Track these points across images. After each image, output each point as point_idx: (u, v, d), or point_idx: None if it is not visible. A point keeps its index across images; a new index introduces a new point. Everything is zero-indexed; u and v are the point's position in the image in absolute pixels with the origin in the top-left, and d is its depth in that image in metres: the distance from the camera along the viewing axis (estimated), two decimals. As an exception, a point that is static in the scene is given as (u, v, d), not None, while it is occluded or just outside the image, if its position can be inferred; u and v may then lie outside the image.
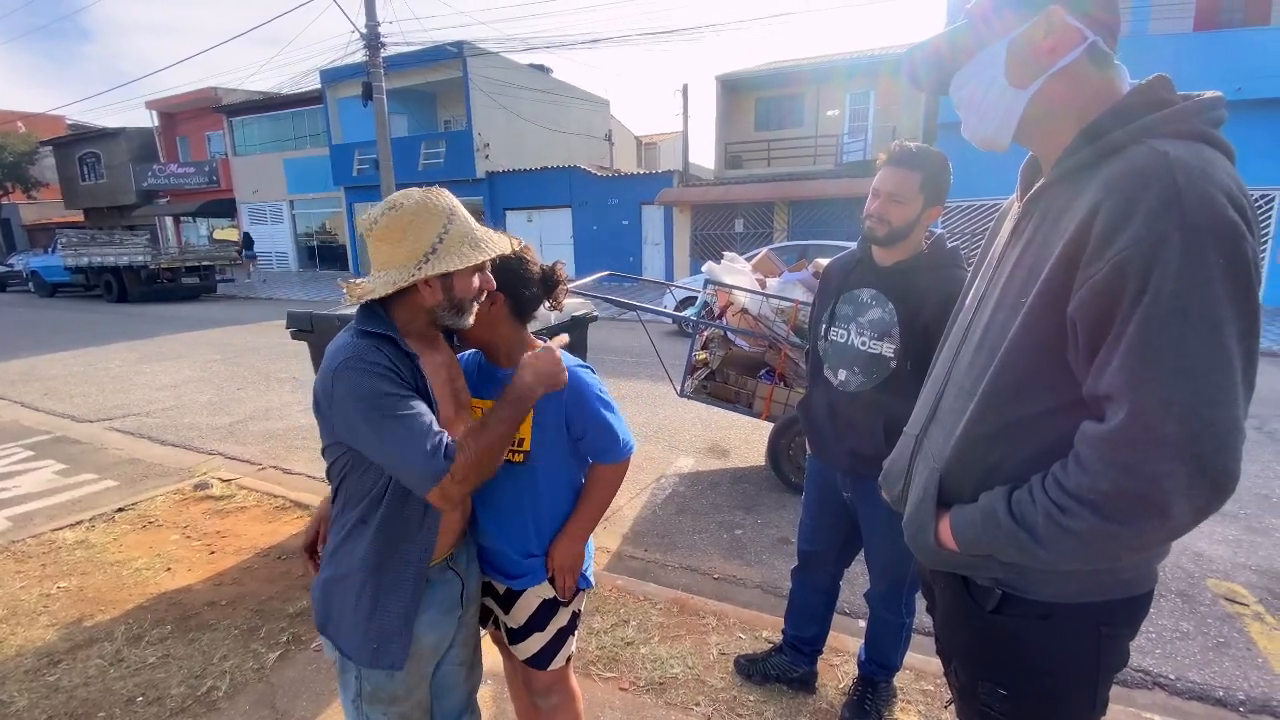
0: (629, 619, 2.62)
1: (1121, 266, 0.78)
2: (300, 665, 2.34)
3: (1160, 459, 0.77)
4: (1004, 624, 1.02)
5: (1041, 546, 0.87)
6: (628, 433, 1.44)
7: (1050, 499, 0.86)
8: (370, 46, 12.51)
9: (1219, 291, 0.75)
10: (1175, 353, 0.76)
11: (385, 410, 1.09)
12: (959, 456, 1.01)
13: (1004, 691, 1.05)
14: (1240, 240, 0.76)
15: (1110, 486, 0.80)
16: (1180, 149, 0.81)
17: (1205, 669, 2.45)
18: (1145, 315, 0.77)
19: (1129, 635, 1.00)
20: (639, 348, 8.36)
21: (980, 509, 0.95)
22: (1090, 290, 0.82)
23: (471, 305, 1.24)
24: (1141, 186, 0.79)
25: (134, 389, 6.93)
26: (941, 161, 1.74)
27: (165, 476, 4.32)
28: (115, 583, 2.92)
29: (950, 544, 1.00)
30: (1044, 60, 0.93)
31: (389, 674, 1.24)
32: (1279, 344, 8.54)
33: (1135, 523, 0.81)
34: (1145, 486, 0.78)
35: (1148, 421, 0.77)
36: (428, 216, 1.17)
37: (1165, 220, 0.76)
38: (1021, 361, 0.93)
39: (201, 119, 25.64)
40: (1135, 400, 0.78)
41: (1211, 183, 0.78)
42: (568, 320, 3.23)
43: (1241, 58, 10.79)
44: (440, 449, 1.09)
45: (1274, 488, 4.07)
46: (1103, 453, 0.81)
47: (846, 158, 16.88)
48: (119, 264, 16.16)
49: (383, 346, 1.15)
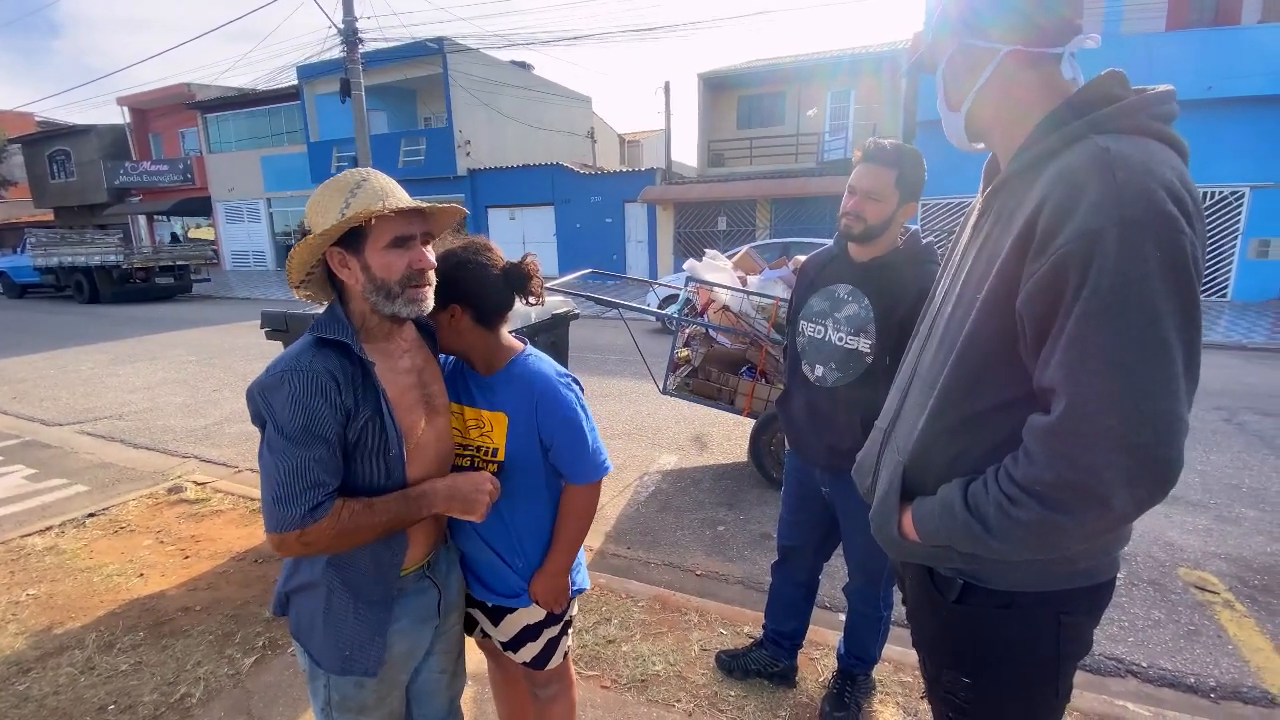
0: (611, 617, 2.61)
1: (1063, 261, 0.80)
2: (276, 670, 2.31)
3: (1100, 450, 0.78)
4: (966, 613, 1.03)
5: (993, 537, 0.89)
6: (602, 454, 1.37)
7: (1001, 490, 0.88)
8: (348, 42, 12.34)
9: (1156, 285, 0.76)
10: (1113, 345, 0.77)
11: (281, 439, 1.05)
12: (922, 449, 1.02)
13: (968, 680, 1.06)
14: (1177, 234, 0.77)
15: (1053, 477, 0.82)
16: (1122, 144, 0.83)
17: (1177, 656, 2.50)
18: (1084, 309, 0.79)
19: (1090, 623, 1.02)
20: (622, 346, 8.35)
21: (938, 500, 0.97)
22: (1035, 285, 0.84)
23: (405, 289, 1.14)
24: (1082, 182, 0.81)
25: (106, 391, 6.79)
26: (916, 159, 1.76)
27: (138, 480, 4.23)
28: (86, 589, 2.86)
29: (912, 535, 1.02)
30: (965, 82, 1.00)
31: (358, 683, 1.21)
32: (1247, 337, 8.74)
33: (1078, 513, 0.82)
34: (1086, 477, 0.80)
35: (1086, 413, 0.79)
36: (334, 188, 1.11)
37: (1103, 215, 0.78)
38: (977, 356, 0.95)
39: (175, 116, 25.17)
40: (1074, 393, 0.80)
41: (1151, 177, 0.79)
42: (549, 319, 3.22)
43: (1213, 57, 11.01)
44: (308, 504, 1.04)
45: (1243, 478, 4.17)
46: (1046, 444, 0.83)
47: (828, 156, 17.00)
48: (90, 264, 15.78)
49: (331, 357, 1.10)
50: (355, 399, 1.11)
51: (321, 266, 1.17)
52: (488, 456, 1.34)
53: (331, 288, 1.21)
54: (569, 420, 1.32)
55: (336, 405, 1.08)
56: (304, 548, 1.07)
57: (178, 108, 24.57)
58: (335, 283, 1.19)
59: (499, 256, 1.33)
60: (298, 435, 1.05)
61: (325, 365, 1.09)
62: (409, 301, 1.15)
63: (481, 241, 1.33)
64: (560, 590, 1.41)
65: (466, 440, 1.35)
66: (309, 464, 1.05)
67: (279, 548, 1.07)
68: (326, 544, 1.08)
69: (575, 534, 1.40)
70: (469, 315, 1.29)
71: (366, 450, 1.14)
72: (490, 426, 1.33)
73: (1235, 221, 11.88)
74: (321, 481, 1.06)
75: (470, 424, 1.35)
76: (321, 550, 1.10)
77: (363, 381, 1.13)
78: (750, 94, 18.80)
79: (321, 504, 1.06)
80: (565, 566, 1.40)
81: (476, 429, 1.35)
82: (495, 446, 1.33)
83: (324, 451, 1.07)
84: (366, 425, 1.13)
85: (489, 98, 19.29)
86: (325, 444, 1.07)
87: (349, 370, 1.11)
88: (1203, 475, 4.20)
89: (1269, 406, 5.73)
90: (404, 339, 1.26)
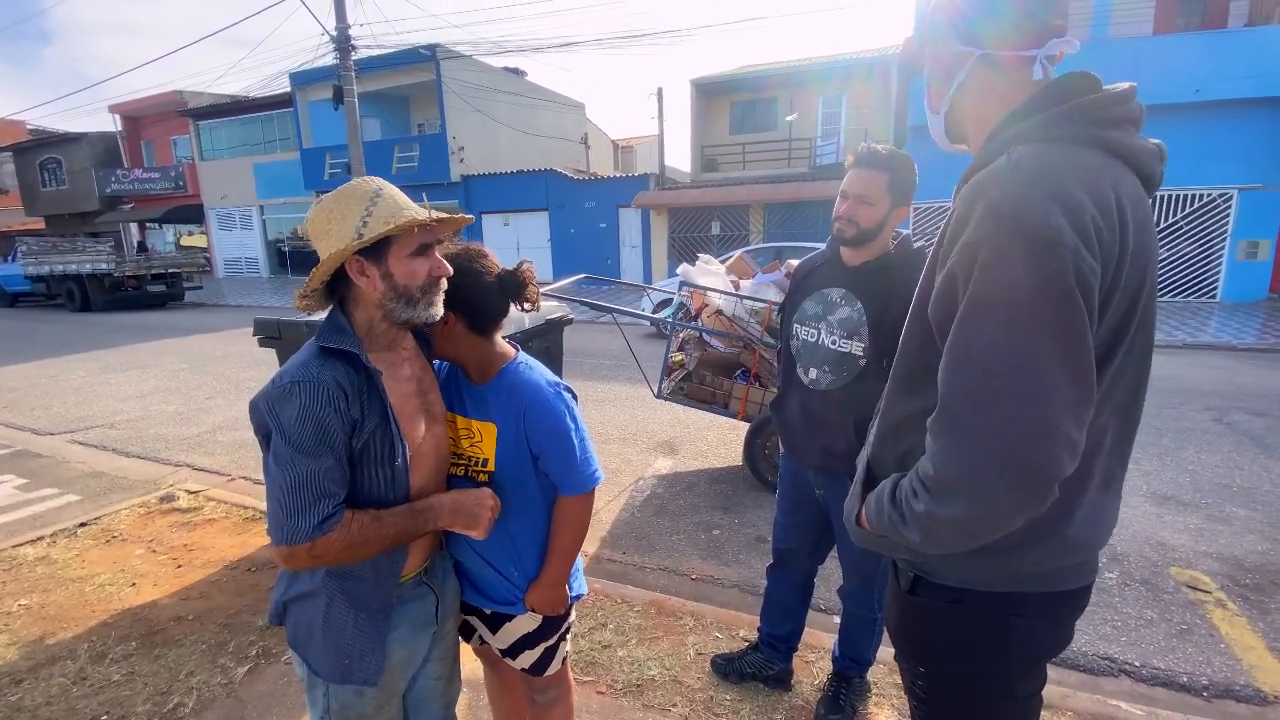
0: (607, 622, 2.61)
1: (954, 269, 0.84)
2: (270, 679, 2.29)
3: (968, 449, 0.82)
4: (920, 605, 1.06)
5: (906, 528, 0.92)
6: (593, 465, 1.36)
7: (909, 483, 0.91)
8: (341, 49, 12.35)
9: (1029, 295, 0.77)
10: (984, 352, 0.80)
11: (290, 451, 1.05)
12: (880, 444, 1.07)
13: (923, 669, 1.09)
14: (1054, 246, 0.77)
15: (934, 471, 0.85)
16: (1031, 153, 0.85)
17: (1169, 656, 2.51)
18: (961, 315, 0.83)
19: (1046, 629, 1.02)
20: (616, 350, 8.36)
21: (877, 492, 1.01)
22: (936, 293, 0.89)
23: (425, 295, 1.16)
24: (980, 193, 0.84)
25: (98, 400, 6.74)
26: (907, 163, 1.78)
27: (130, 489, 4.20)
28: (78, 599, 2.84)
29: (865, 525, 1.05)
30: (944, 84, 1.02)
31: (357, 691, 1.21)
32: (1237, 338, 8.82)
33: (949, 507, 0.85)
34: (955, 473, 0.83)
35: (955, 413, 0.83)
36: (351, 197, 1.11)
37: (986, 225, 0.81)
38: (911, 357, 1.00)
39: (167, 123, 25.08)
40: (946, 393, 0.84)
41: (1040, 187, 0.80)
42: (542, 324, 3.22)
43: (1199, 60, 11.11)
44: (318, 516, 1.04)
45: (1234, 477, 4.20)
46: (929, 441, 0.87)
47: (820, 160, 17.07)
48: (81, 272, 15.70)
49: (338, 367, 1.10)
50: (362, 409, 1.11)
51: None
52: (479, 467, 1.33)
53: (330, 296, 1.21)
54: (557, 430, 1.31)
55: (345, 416, 1.08)
56: (313, 560, 1.07)
57: (170, 115, 24.48)
58: (335, 291, 1.19)
59: (493, 264, 1.32)
60: (307, 446, 1.05)
61: (333, 375, 1.09)
62: (427, 306, 1.17)
63: (476, 249, 1.33)
64: (558, 600, 1.41)
65: (458, 450, 1.35)
66: (318, 475, 1.05)
67: (288, 560, 1.07)
68: (335, 556, 1.08)
69: (570, 545, 1.39)
70: (463, 323, 1.29)
71: (372, 459, 1.14)
72: (480, 437, 1.33)
73: (1224, 223, 11.99)
74: (331, 493, 1.07)
75: (462, 433, 1.35)
76: (330, 562, 1.10)
77: (369, 391, 1.13)
78: (743, 99, 18.88)
79: (332, 516, 1.06)
80: (561, 578, 1.40)
81: (467, 439, 1.34)
82: (485, 457, 1.33)
83: (332, 463, 1.07)
84: (373, 435, 1.13)
85: (482, 104, 19.32)
86: (334, 455, 1.08)
87: (355, 380, 1.12)
88: (1194, 475, 4.23)
89: (1259, 406, 5.78)
90: (405, 347, 1.26)
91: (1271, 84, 10.87)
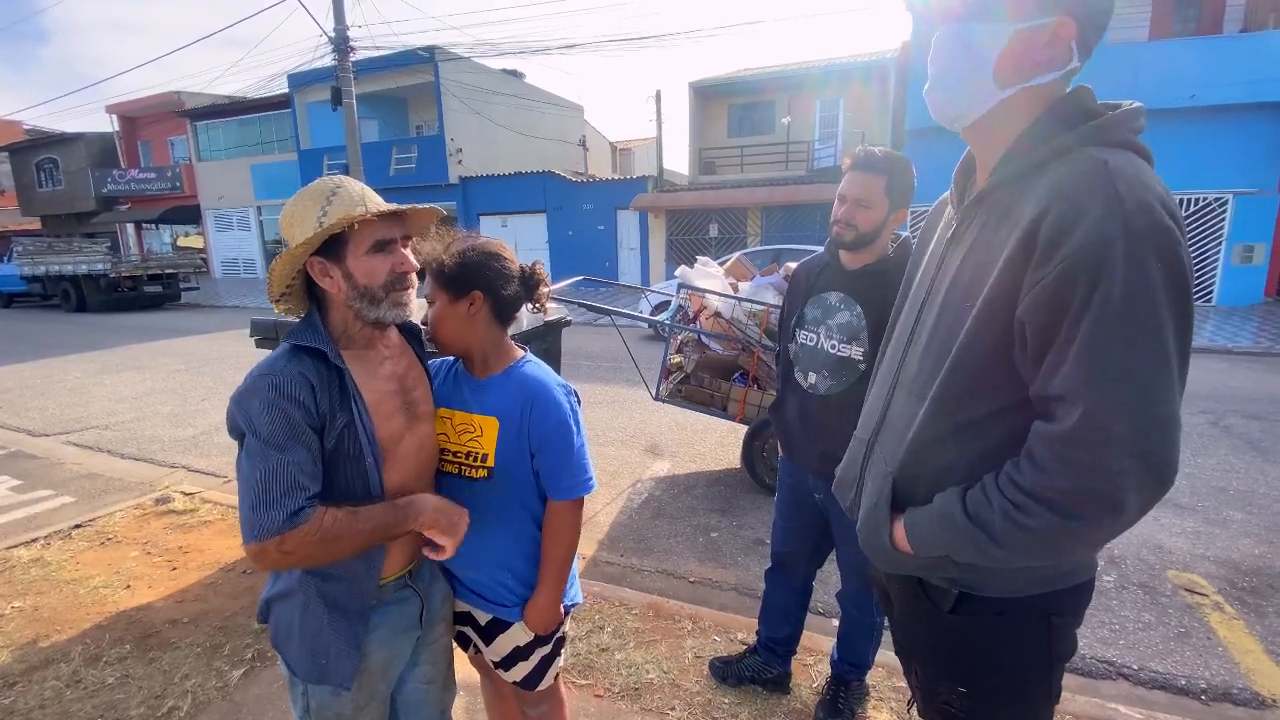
0: (604, 625, 2.60)
1: (1070, 271, 0.81)
2: (265, 683, 2.28)
3: (1114, 457, 0.80)
4: (961, 623, 1.04)
5: (997, 545, 0.89)
6: (588, 471, 1.36)
7: (1006, 498, 0.88)
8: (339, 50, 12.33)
9: (1160, 296, 0.79)
10: (1124, 355, 0.79)
11: (259, 444, 1.04)
12: (912, 459, 1.02)
13: (964, 689, 1.06)
14: (1177, 246, 0.80)
15: (1068, 485, 0.83)
16: (1117, 158, 0.85)
17: (1167, 659, 2.51)
18: (1095, 319, 0.80)
19: (1075, 623, 1.03)
20: (614, 353, 8.35)
21: (935, 510, 0.97)
22: (1040, 293, 0.84)
23: (389, 293, 1.15)
24: (1087, 194, 0.82)
25: (93, 401, 6.71)
26: (905, 165, 1.78)
27: (125, 491, 4.18)
28: (72, 602, 2.82)
29: (905, 547, 1.02)
30: (1029, 70, 0.92)
31: (335, 692, 1.20)
32: (1232, 341, 8.84)
33: (1091, 519, 0.84)
34: (1102, 483, 0.81)
35: (1101, 421, 0.80)
36: (308, 198, 1.11)
37: (1110, 227, 0.79)
38: (972, 363, 0.95)
39: (164, 123, 25.01)
40: (1089, 401, 0.80)
41: (1147, 191, 0.81)
42: (540, 326, 3.21)
43: (1195, 66, 11.16)
44: (288, 508, 1.01)
45: (1230, 481, 4.21)
46: (1059, 452, 0.83)
47: (818, 164, 17.11)
48: (77, 272, 15.64)
49: (306, 363, 1.10)
50: (331, 404, 1.11)
51: (301, 278, 1.17)
52: (476, 462, 1.32)
53: (309, 299, 1.21)
54: (561, 425, 1.31)
55: (310, 410, 1.07)
56: (284, 556, 1.03)
57: (167, 115, 24.42)
58: (314, 294, 1.19)
59: (513, 258, 1.36)
60: (274, 438, 1.04)
61: (299, 370, 1.08)
62: (394, 305, 1.16)
63: (497, 243, 1.36)
64: (553, 619, 1.39)
65: (454, 446, 1.34)
66: (287, 467, 1.03)
67: (258, 558, 1.04)
68: (308, 552, 1.04)
69: (563, 559, 1.38)
70: (489, 306, 1.30)
71: (345, 457, 1.13)
72: (480, 431, 1.32)
73: (1219, 227, 12.04)
74: (301, 485, 1.04)
75: (460, 428, 1.34)
76: (302, 560, 1.07)
77: (339, 387, 1.13)
78: (741, 102, 18.92)
79: (302, 509, 1.03)
80: (557, 597, 1.38)
81: (467, 433, 1.33)
82: (485, 452, 1.32)
83: (303, 454, 1.05)
84: (344, 432, 1.12)
85: (480, 106, 19.31)
86: (304, 447, 1.06)
87: (324, 375, 1.11)
88: (1190, 478, 4.24)
89: (1255, 410, 5.80)
90: (387, 345, 1.26)
91: (1266, 89, 10.94)
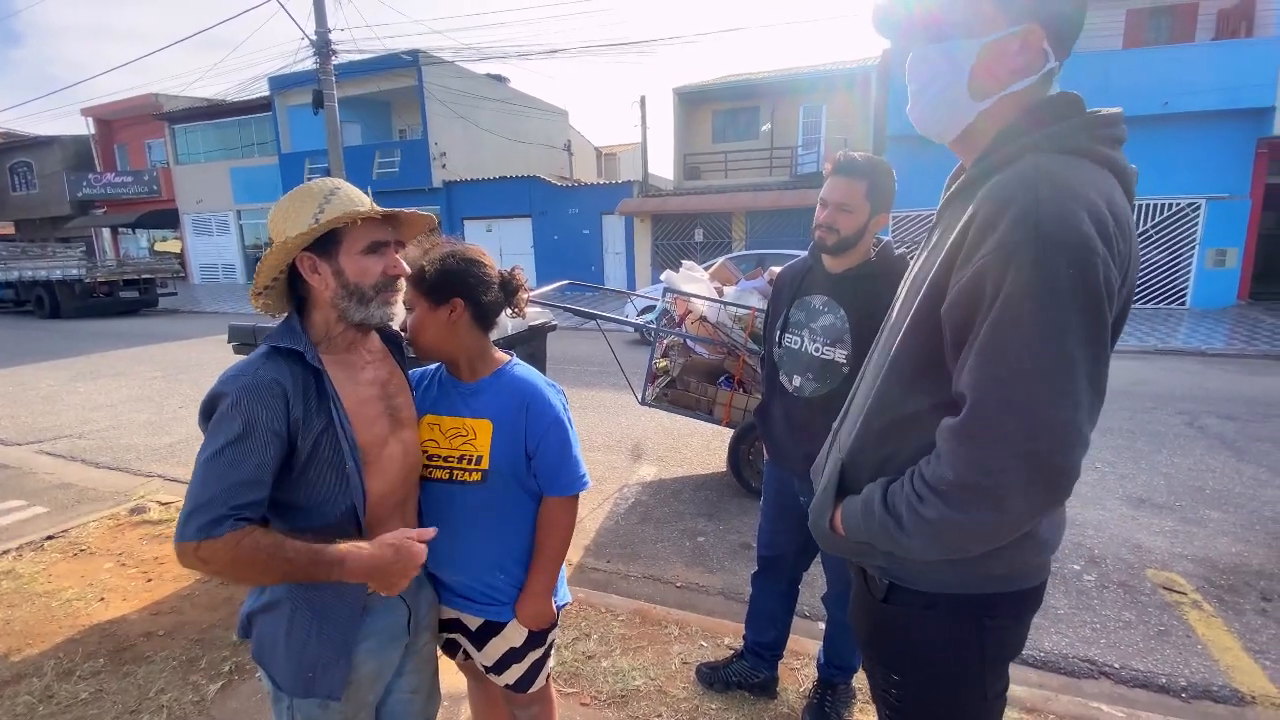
0: (590, 632, 2.58)
1: (982, 271, 0.83)
2: (244, 696, 2.23)
3: (998, 455, 0.81)
4: (893, 613, 1.06)
5: (905, 535, 0.91)
6: (583, 467, 1.38)
7: (913, 488, 0.91)
8: (321, 53, 12.23)
9: (1065, 300, 0.79)
10: (1018, 355, 0.80)
11: (211, 447, 1.01)
12: (859, 447, 1.05)
13: (897, 677, 1.09)
14: (1090, 254, 0.79)
15: (954, 477, 0.85)
16: (1055, 163, 0.86)
17: (1148, 657, 2.54)
18: (995, 318, 0.82)
19: (1015, 627, 1.04)
20: (600, 357, 8.33)
21: (861, 498, 1.00)
22: (957, 293, 0.87)
23: (379, 294, 1.14)
24: (1009, 197, 0.84)
25: (66, 409, 6.57)
26: (886, 170, 1.79)
27: (99, 501, 4.09)
28: (44, 615, 2.75)
29: (840, 530, 1.04)
30: (1006, 78, 0.93)
31: (322, 705, 1.17)
32: (1206, 343, 9.02)
33: (973, 513, 0.85)
34: (982, 478, 0.83)
35: (987, 416, 0.82)
36: (305, 196, 1.10)
37: (1022, 229, 0.81)
38: (909, 360, 0.98)
39: (141, 126, 24.68)
40: (977, 396, 0.83)
41: (1073, 197, 0.82)
42: (525, 330, 3.20)
43: (1168, 74, 11.41)
44: (209, 516, 0.97)
45: (1206, 480, 4.28)
46: (950, 445, 0.86)
47: (801, 169, 17.26)
48: (51, 278, 15.32)
49: (282, 367, 1.08)
50: (306, 408, 1.08)
51: (284, 275, 1.15)
52: (470, 465, 1.32)
53: (290, 299, 1.19)
54: (557, 424, 1.33)
55: (280, 415, 1.05)
56: (201, 563, 0.99)
57: (144, 118, 24.10)
58: (296, 293, 1.17)
59: (492, 264, 1.37)
60: (226, 443, 1.01)
61: (273, 375, 1.06)
62: (381, 305, 1.15)
63: (476, 249, 1.36)
64: (545, 611, 1.39)
65: (444, 451, 1.33)
66: (226, 476, 1.00)
67: (179, 556, 1.00)
68: (222, 567, 0.99)
69: (557, 551, 1.39)
70: (470, 312, 1.30)
71: (324, 462, 1.11)
72: (474, 434, 1.32)
73: (1192, 232, 12.31)
74: (232, 496, 0.99)
75: (451, 432, 1.34)
76: (218, 573, 1.02)
77: (316, 391, 1.10)
78: (725, 108, 19.04)
79: (223, 520, 0.97)
80: (549, 586, 1.40)
81: (459, 437, 1.33)
82: (479, 454, 1.32)
83: (248, 465, 1.01)
84: (321, 436, 1.10)
85: (465, 110, 19.25)
86: (253, 456, 1.02)
87: (301, 378, 1.09)
88: (1168, 478, 4.31)
89: (1229, 410, 5.91)
90: (368, 350, 1.24)
91: (1238, 96, 11.20)
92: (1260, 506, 3.87)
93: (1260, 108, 11.21)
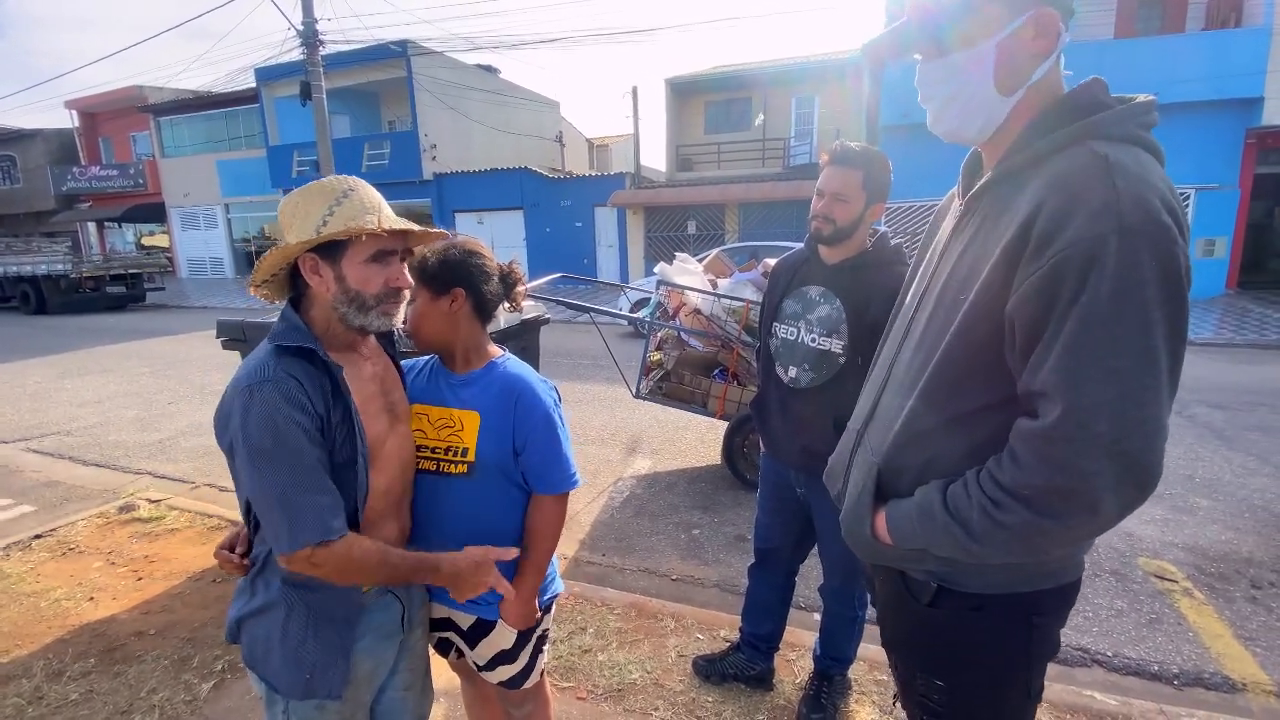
0: (586, 626, 2.57)
1: (1061, 266, 0.80)
2: (236, 695, 2.21)
3: (1091, 456, 0.79)
4: (939, 616, 1.03)
5: (975, 540, 0.89)
6: (574, 466, 1.37)
7: (985, 493, 0.87)
8: (308, 44, 12.08)
9: (1152, 294, 0.77)
10: (1109, 353, 0.78)
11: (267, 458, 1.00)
12: (897, 451, 1.02)
13: (941, 682, 1.07)
14: (1173, 244, 0.78)
15: (1043, 482, 0.82)
16: (1118, 152, 0.83)
17: (1140, 645, 2.56)
18: (1082, 315, 0.79)
19: (1058, 624, 1.03)
20: (594, 350, 8.30)
21: (916, 503, 0.96)
22: (1029, 288, 0.83)
23: (380, 304, 1.12)
24: (1082, 188, 0.81)
25: (54, 406, 6.49)
26: (881, 160, 1.78)
27: (88, 499, 4.05)
28: (33, 615, 2.72)
29: (885, 538, 1.01)
30: (1028, 67, 0.92)
31: (319, 706, 1.16)
32: (1195, 333, 9.08)
33: (1065, 517, 0.83)
34: (1076, 482, 0.80)
35: (1081, 419, 0.79)
36: (317, 194, 1.08)
37: (1104, 222, 0.78)
38: (961, 358, 0.94)
39: (126, 119, 24.33)
40: (1069, 398, 0.79)
41: (1147, 187, 0.80)
42: (518, 324, 3.17)
43: (1159, 63, 11.42)
44: (325, 523, 1.02)
45: (1196, 469, 4.32)
46: (1037, 449, 0.83)
47: (794, 160, 17.23)
48: (37, 273, 15.14)
49: (298, 365, 1.06)
50: (327, 405, 1.07)
51: (287, 268, 1.13)
52: (456, 457, 1.31)
53: (290, 289, 1.16)
54: (547, 420, 1.32)
55: (311, 413, 1.04)
56: (314, 569, 1.04)
57: (129, 110, 23.74)
58: (296, 286, 1.15)
59: (492, 256, 1.37)
60: (282, 450, 1.00)
61: (290, 372, 1.04)
62: (381, 315, 1.13)
63: (475, 241, 1.36)
64: (531, 614, 1.38)
65: (431, 441, 1.33)
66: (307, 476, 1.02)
67: (287, 564, 1.05)
68: (335, 571, 1.05)
69: (544, 554, 1.38)
70: (470, 303, 1.31)
71: (341, 461, 1.10)
72: (461, 425, 1.31)
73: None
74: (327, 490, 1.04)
75: (438, 423, 1.33)
76: (328, 576, 1.06)
77: (332, 388, 1.09)
78: (717, 99, 18.95)
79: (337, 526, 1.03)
80: (535, 588, 1.38)
81: (446, 428, 1.32)
82: (465, 446, 1.31)
83: (313, 460, 1.03)
84: (337, 433, 1.09)
85: (455, 101, 19.07)
86: (315, 451, 1.04)
87: (316, 377, 1.07)
88: (1159, 467, 4.33)
89: (1218, 399, 5.96)
90: (366, 346, 1.23)
91: (1227, 86, 11.24)
92: (1249, 494, 3.91)
93: (1249, 98, 11.24)
